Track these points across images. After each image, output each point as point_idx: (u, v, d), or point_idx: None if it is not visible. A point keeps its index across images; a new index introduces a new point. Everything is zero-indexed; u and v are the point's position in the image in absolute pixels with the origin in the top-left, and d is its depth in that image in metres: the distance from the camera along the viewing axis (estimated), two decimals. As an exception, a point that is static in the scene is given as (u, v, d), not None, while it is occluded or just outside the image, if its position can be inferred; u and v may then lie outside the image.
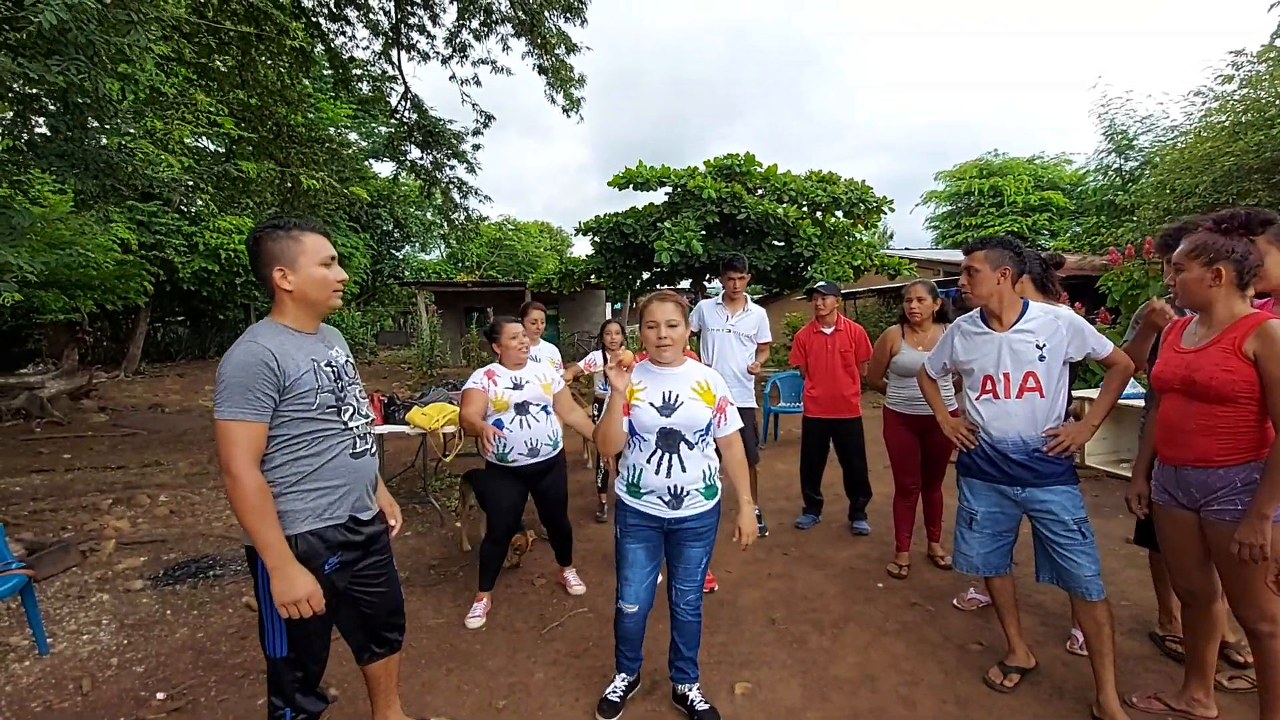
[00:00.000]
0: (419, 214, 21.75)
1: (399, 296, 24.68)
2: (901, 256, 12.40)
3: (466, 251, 28.36)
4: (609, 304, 20.66)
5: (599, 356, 4.32)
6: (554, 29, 7.19)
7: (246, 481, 1.48)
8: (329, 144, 7.68)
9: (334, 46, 7.45)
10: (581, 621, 2.92)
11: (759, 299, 15.64)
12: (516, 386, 2.91)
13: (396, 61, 7.90)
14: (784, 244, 11.07)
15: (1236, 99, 8.95)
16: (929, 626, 2.79)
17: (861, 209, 10.95)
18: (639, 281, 12.14)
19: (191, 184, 6.02)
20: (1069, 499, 2.11)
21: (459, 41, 7.69)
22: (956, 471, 2.42)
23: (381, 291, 24.05)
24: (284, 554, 1.52)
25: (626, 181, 10.88)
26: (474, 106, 8.10)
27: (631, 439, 2.06)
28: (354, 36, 7.61)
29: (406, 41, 7.75)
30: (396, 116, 8.42)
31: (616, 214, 11.44)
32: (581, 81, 7.68)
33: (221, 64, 5.76)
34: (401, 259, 26.26)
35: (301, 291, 1.65)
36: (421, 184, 9.15)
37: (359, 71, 8.13)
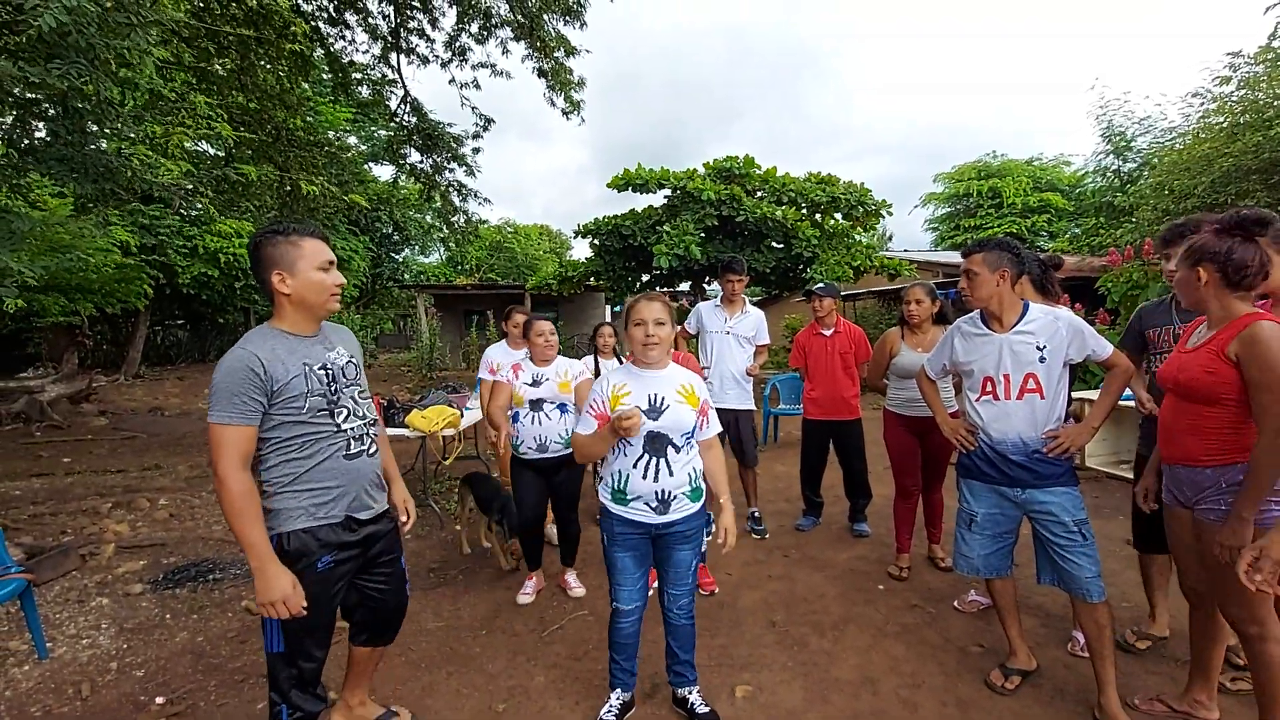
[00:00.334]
0: (418, 217, 21.74)
1: (398, 299, 24.69)
2: (901, 258, 12.40)
3: (466, 254, 28.37)
4: (607, 306, 20.66)
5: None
6: (553, 32, 7.21)
7: (231, 484, 1.53)
8: (328, 148, 7.69)
9: (333, 51, 7.46)
10: (582, 624, 2.92)
11: (758, 301, 15.65)
12: (535, 383, 3.02)
13: (396, 65, 7.93)
14: (783, 246, 11.06)
15: (1234, 100, 8.97)
16: (930, 628, 2.79)
17: (860, 211, 10.94)
18: (638, 284, 12.12)
19: (191, 188, 6.02)
20: (1069, 500, 2.11)
21: (458, 45, 7.72)
22: (956, 473, 2.42)
23: (381, 294, 24.05)
24: (266, 555, 1.57)
25: (625, 183, 10.87)
26: (473, 110, 8.13)
27: (617, 444, 2.03)
28: (353, 40, 7.65)
29: (406, 45, 7.78)
30: (396, 120, 8.44)
31: (615, 216, 11.42)
32: (581, 84, 7.71)
33: (220, 68, 5.77)
34: (401, 262, 26.24)
35: (299, 295, 1.67)
36: (421, 187, 9.16)
37: (358, 75, 8.15)
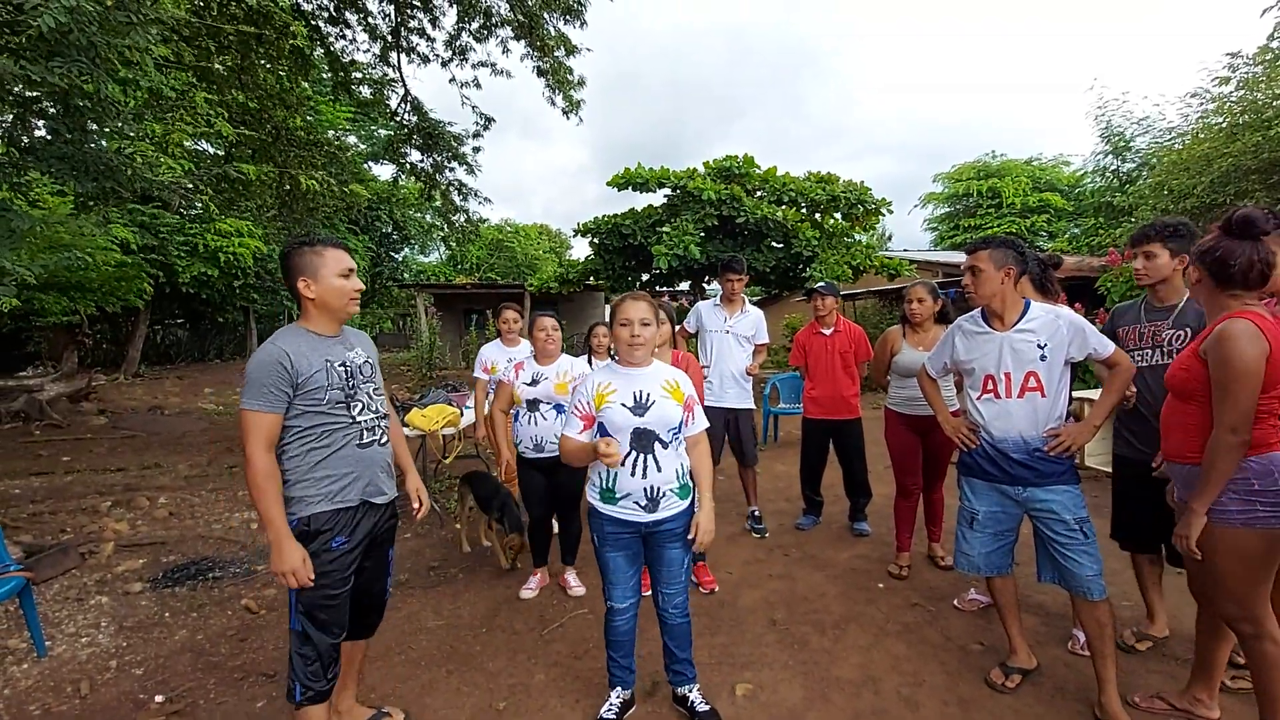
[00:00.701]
0: (418, 216, 21.75)
1: (398, 299, 24.67)
2: (900, 258, 12.40)
3: (466, 254, 28.39)
4: (607, 305, 20.68)
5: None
6: (553, 31, 7.21)
7: (256, 463, 1.71)
8: (327, 147, 7.68)
9: (333, 50, 7.46)
10: (581, 623, 2.91)
11: (758, 300, 15.65)
12: (533, 383, 3.02)
13: (396, 64, 7.92)
14: (783, 245, 11.06)
15: (1233, 100, 8.97)
16: (930, 627, 2.79)
17: (860, 210, 10.94)
18: (638, 283, 12.12)
19: (191, 186, 6.01)
20: (1070, 498, 2.11)
21: (459, 44, 7.72)
22: (958, 471, 2.42)
23: (381, 294, 24.02)
24: (282, 530, 1.73)
25: (625, 182, 10.87)
26: (474, 109, 8.13)
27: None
28: (353, 40, 7.64)
29: (406, 45, 7.77)
30: (396, 119, 8.44)
31: (615, 215, 11.42)
32: (581, 83, 7.71)
33: (220, 66, 5.76)
34: (401, 261, 26.24)
35: (322, 299, 1.86)
36: (422, 186, 9.16)
37: (359, 75, 8.14)
